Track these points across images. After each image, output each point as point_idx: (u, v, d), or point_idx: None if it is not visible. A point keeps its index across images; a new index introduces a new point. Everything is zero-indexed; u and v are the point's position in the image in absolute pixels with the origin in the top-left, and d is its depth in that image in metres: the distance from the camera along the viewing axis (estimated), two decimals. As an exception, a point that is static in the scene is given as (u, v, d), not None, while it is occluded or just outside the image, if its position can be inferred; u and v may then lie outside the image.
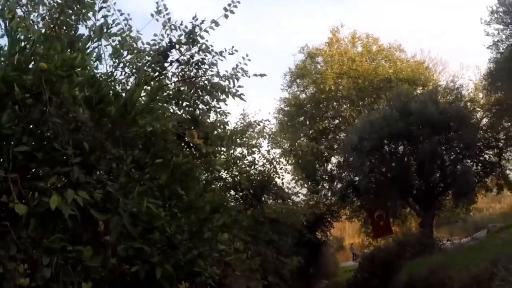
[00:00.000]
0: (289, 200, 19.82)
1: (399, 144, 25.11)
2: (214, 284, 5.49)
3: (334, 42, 34.28)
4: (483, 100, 27.96)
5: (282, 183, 18.98)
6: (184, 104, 9.08)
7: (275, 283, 15.12)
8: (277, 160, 18.04)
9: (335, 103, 34.45)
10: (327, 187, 32.74)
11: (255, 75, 9.37)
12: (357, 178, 27.25)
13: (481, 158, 26.28)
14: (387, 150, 25.44)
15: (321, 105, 33.58)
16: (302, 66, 34.43)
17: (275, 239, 17.29)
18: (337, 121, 34.75)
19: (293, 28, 74.87)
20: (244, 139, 16.79)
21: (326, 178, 32.53)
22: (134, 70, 9.42)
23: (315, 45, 35.07)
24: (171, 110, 8.54)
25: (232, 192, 16.93)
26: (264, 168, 17.82)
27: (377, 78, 32.15)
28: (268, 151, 18.08)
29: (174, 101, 8.96)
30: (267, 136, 18.14)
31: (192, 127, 7.83)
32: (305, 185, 30.40)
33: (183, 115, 8.47)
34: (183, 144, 7.94)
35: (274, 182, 18.11)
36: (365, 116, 25.20)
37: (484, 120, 27.54)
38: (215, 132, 8.20)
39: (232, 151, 16.37)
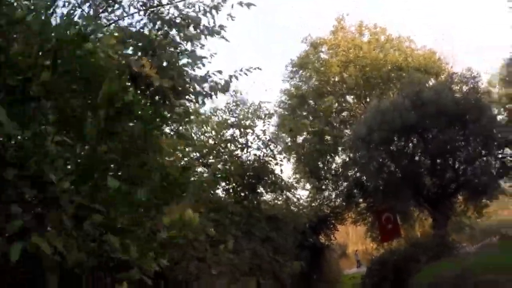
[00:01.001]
0: (289, 194, 17.39)
1: (410, 138, 22.83)
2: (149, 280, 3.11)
3: (339, 30, 31.95)
4: (498, 94, 25.89)
5: (281, 170, 16.43)
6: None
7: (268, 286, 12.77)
8: (274, 142, 15.43)
9: (340, 98, 31.88)
10: (331, 188, 30.78)
11: (240, 4, 7.00)
12: (364, 177, 25.08)
13: (499, 156, 23.87)
14: (397, 145, 23.14)
15: (325, 99, 30.95)
16: (304, 56, 31.98)
17: (272, 236, 14.95)
18: (341, 116, 32.19)
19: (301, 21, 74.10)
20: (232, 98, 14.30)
21: (330, 177, 30.28)
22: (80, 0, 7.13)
23: (319, 35, 32.69)
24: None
25: (223, 184, 14.57)
26: (260, 151, 15.35)
27: (386, 67, 29.90)
28: (264, 132, 15.57)
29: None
30: (263, 117, 15.52)
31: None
32: (308, 183, 28.26)
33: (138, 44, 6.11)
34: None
35: (271, 169, 15.59)
36: (375, 106, 22.76)
37: (499, 117, 25.77)
38: (179, 64, 5.79)
39: (222, 132, 14.02)
